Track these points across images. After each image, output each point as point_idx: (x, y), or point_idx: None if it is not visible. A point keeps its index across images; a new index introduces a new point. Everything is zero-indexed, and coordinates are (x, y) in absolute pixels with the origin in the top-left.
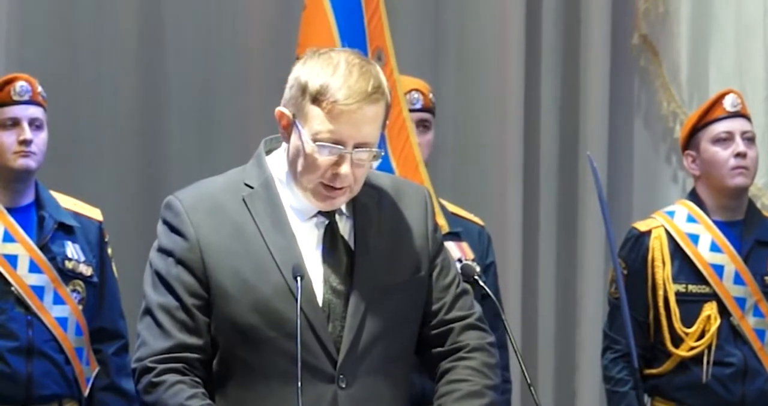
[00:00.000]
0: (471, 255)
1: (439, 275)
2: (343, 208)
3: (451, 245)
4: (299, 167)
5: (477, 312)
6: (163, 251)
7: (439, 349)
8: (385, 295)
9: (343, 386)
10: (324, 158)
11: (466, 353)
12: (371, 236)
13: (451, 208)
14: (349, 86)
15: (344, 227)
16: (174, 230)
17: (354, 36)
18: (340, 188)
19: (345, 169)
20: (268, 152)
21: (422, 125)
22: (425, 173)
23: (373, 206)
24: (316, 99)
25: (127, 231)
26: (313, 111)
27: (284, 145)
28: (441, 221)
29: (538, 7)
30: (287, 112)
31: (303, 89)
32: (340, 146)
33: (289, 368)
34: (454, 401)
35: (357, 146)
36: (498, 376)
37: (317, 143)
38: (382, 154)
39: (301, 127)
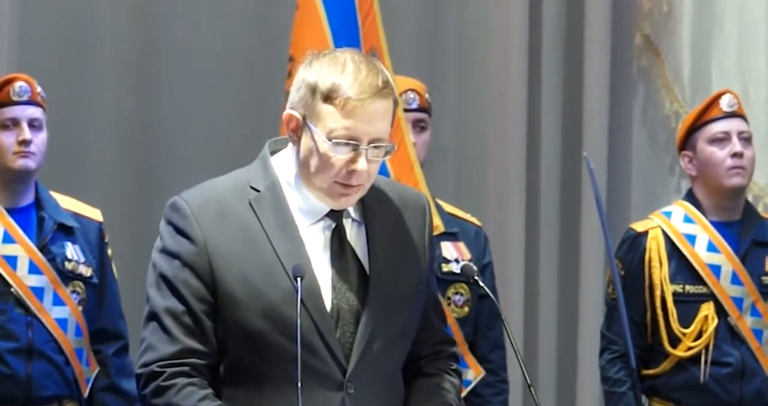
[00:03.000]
0: (468, 255)
1: (434, 292)
2: (352, 212)
3: (447, 245)
4: (313, 168)
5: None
6: (168, 253)
7: (424, 361)
8: (396, 304)
9: (352, 392)
10: (339, 157)
11: (452, 371)
12: (383, 243)
13: (448, 208)
14: (360, 82)
15: (351, 231)
16: (181, 232)
17: (347, 35)
18: (355, 186)
19: (362, 165)
20: (273, 153)
21: (418, 125)
22: (420, 174)
23: (381, 211)
24: (329, 97)
25: (126, 232)
26: (326, 110)
27: (290, 146)
28: (437, 221)
29: (539, 7)
30: (296, 114)
31: (313, 89)
32: (355, 142)
33: (297, 373)
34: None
35: (371, 142)
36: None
37: (333, 141)
38: (396, 147)
39: (314, 127)
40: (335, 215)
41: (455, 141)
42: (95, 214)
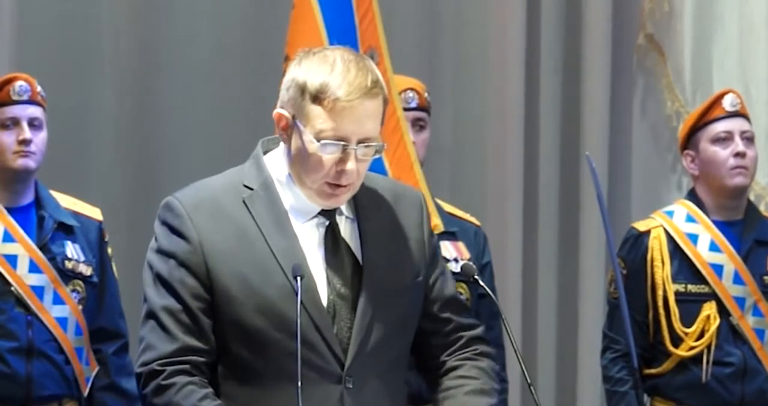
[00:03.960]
0: (467, 255)
1: (444, 285)
2: (344, 209)
3: (446, 245)
4: (302, 168)
5: (482, 325)
6: (163, 253)
7: (446, 355)
8: (390, 298)
9: (350, 386)
10: (328, 157)
11: (475, 355)
12: (375, 239)
13: (447, 208)
14: (349, 82)
15: (344, 228)
16: (175, 231)
17: (343, 35)
18: (345, 185)
19: (351, 165)
20: (266, 152)
21: (417, 125)
22: (420, 173)
23: (373, 208)
24: (317, 98)
25: (126, 231)
26: (315, 110)
27: (282, 145)
28: (436, 220)
29: (537, 6)
30: (286, 113)
31: (302, 89)
32: (344, 143)
33: (296, 369)
34: (465, 394)
35: (360, 142)
36: (500, 384)
37: (321, 142)
38: (385, 147)
39: (303, 127)
40: (328, 213)
41: (452, 140)
42: (95, 213)
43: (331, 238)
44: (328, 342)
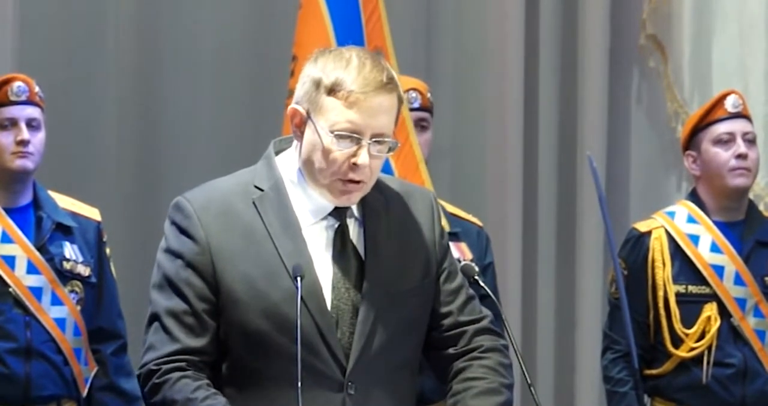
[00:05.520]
0: (469, 255)
1: (447, 279)
2: (355, 211)
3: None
4: (316, 163)
5: (489, 316)
6: (171, 252)
7: (452, 351)
8: (395, 301)
9: (352, 392)
10: (341, 151)
11: (481, 353)
12: (381, 242)
13: (450, 208)
14: (365, 76)
15: (354, 230)
16: (184, 231)
17: (351, 35)
18: (357, 182)
19: (363, 158)
20: (278, 153)
21: (420, 125)
22: (426, 173)
23: (382, 211)
24: (332, 90)
25: (127, 231)
26: (330, 103)
27: (295, 144)
28: (443, 221)
29: (536, 7)
30: (300, 108)
31: (317, 84)
32: (357, 136)
33: (297, 372)
34: (472, 397)
35: (374, 137)
36: (512, 376)
37: (335, 134)
38: (399, 145)
39: (317, 121)
40: (339, 214)
41: (452, 140)
42: (93, 213)
43: (340, 240)
44: (330, 346)
